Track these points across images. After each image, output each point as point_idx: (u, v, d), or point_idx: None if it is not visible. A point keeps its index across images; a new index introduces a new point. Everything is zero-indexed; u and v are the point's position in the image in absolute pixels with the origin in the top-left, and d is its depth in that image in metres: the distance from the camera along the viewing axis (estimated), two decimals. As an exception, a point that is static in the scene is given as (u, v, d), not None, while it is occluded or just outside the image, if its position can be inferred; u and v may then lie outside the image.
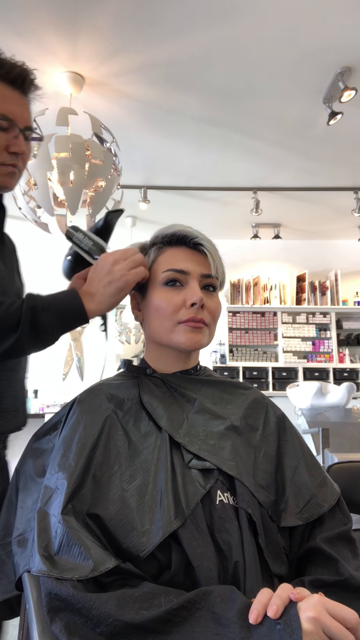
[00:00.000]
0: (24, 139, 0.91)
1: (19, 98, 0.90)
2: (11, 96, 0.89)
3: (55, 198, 2.62)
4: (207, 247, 0.82)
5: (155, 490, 0.67)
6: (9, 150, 0.89)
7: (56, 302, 0.82)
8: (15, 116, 0.89)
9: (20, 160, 0.92)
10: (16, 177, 0.95)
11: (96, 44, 2.43)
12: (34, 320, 0.79)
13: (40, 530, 0.62)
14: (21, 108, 0.90)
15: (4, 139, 0.89)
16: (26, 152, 0.93)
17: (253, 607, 0.53)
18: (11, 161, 0.90)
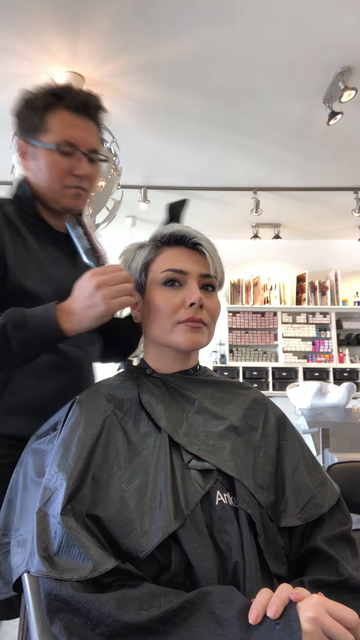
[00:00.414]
0: (89, 161, 0.97)
1: (82, 124, 0.96)
2: (75, 122, 0.96)
3: (55, 198, 2.62)
4: (206, 247, 0.82)
5: (154, 490, 0.67)
6: (73, 173, 0.96)
7: (30, 319, 0.80)
8: (78, 141, 0.95)
9: (85, 182, 0.98)
10: (82, 198, 1.00)
11: (96, 44, 2.43)
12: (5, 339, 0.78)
13: (39, 531, 0.62)
14: (85, 133, 0.97)
15: (68, 163, 0.95)
16: (91, 173, 0.98)
17: (253, 608, 0.53)
18: (75, 183, 0.97)
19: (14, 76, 2.66)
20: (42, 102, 0.96)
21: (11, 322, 0.78)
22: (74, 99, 0.95)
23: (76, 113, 0.96)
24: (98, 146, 1.00)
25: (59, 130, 0.95)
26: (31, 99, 0.97)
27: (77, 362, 1.02)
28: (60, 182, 0.96)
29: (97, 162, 1.00)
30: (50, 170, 0.96)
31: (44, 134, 0.95)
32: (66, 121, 0.95)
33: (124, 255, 0.90)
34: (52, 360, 0.96)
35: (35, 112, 0.96)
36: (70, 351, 0.99)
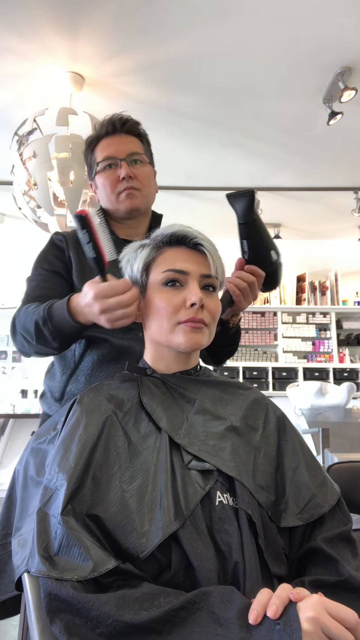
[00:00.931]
0: (128, 164, 1.12)
1: (115, 139, 1.14)
2: (108, 142, 1.14)
3: (55, 198, 2.62)
4: (207, 247, 0.82)
5: (154, 491, 0.67)
6: (119, 179, 1.11)
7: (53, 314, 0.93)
8: (114, 153, 1.13)
9: (133, 182, 1.12)
10: (136, 196, 1.13)
11: (96, 44, 2.43)
12: (39, 332, 0.95)
13: (39, 531, 0.62)
14: (119, 145, 1.13)
15: (113, 173, 1.12)
16: (136, 172, 1.12)
17: (252, 608, 0.53)
18: (124, 186, 1.11)
19: (14, 76, 2.66)
20: (89, 145, 1.17)
21: (41, 317, 0.94)
22: (103, 127, 1.14)
23: (108, 136, 1.14)
24: (138, 150, 1.14)
25: (100, 155, 1.14)
26: (85, 148, 1.19)
27: (125, 349, 1.08)
28: (113, 191, 1.12)
29: (142, 162, 1.14)
30: (104, 186, 1.14)
31: (95, 165, 1.15)
32: (103, 145, 1.14)
33: (126, 254, 0.89)
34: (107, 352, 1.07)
35: (87, 157, 1.19)
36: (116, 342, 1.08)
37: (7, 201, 3.27)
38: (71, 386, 1.08)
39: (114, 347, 1.07)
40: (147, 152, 1.18)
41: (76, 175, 2.45)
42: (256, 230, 1.03)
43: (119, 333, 1.07)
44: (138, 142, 1.17)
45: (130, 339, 1.07)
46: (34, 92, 2.81)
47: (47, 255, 1.15)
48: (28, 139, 2.48)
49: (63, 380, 1.10)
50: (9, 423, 4.31)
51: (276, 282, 1.11)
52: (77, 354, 1.09)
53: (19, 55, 2.50)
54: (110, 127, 1.14)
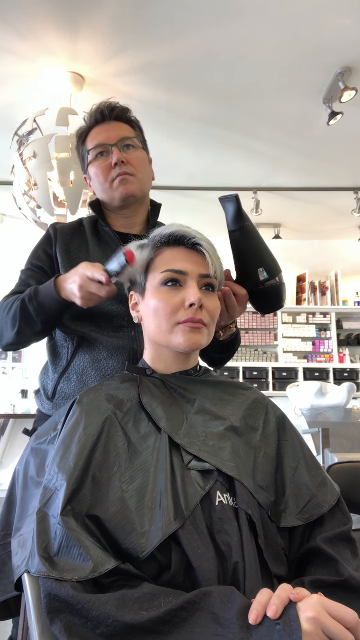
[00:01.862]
0: (120, 149, 1.09)
1: (105, 127, 1.12)
2: (98, 131, 1.12)
3: (55, 198, 2.62)
4: (205, 247, 0.82)
5: (154, 491, 0.67)
6: (112, 165, 1.09)
7: (40, 291, 0.99)
8: (105, 139, 1.10)
9: (126, 167, 1.09)
10: (130, 181, 1.10)
11: (96, 44, 2.43)
12: (24, 308, 0.99)
13: (39, 531, 0.62)
14: (108, 132, 1.11)
15: (106, 161, 1.10)
16: (128, 157, 1.10)
17: (252, 608, 0.53)
18: (117, 172, 1.09)
19: (14, 76, 2.66)
20: (80, 137, 1.16)
21: (27, 295, 1.00)
22: (92, 117, 1.12)
23: (97, 124, 1.12)
24: (129, 134, 1.12)
25: (91, 144, 1.12)
26: (76, 141, 1.18)
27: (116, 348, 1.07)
28: (107, 179, 1.10)
29: (134, 146, 1.12)
30: (97, 175, 1.11)
31: (87, 156, 1.14)
32: (93, 134, 1.13)
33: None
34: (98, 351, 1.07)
35: (79, 149, 1.18)
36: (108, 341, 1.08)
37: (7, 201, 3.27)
38: (62, 384, 1.08)
39: (105, 346, 1.06)
40: (139, 137, 1.15)
41: (76, 175, 2.45)
42: (244, 241, 0.97)
43: (110, 331, 1.07)
44: (129, 127, 1.14)
45: (121, 337, 1.07)
46: (34, 92, 2.81)
47: (39, 250, 1.16)
48: (28, 139, 2.48)
49: (55, 378, 1.10)
50: (9, 423, 4.31)
51: (268, 304, 1.05)
52: (69, 353, 1.09)
53: (19, 55, 2.50)
54: (99, 115, 1.11)
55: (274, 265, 1.00)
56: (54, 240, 1.14)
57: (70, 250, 1.12)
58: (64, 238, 1.14)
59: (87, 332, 1.06)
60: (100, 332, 1.07)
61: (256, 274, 0.97)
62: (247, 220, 0.97)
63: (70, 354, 1.09)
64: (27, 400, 4.60)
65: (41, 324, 1.00)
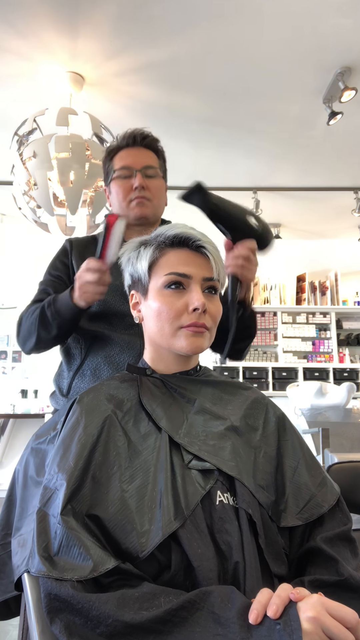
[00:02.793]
0: (143, 176, 1.18)
1: (134, 152, 1.21)
2: (127, 153, 1.21)
3: (55, 198, 2.62)
4: (210, 250, 0.82)
5: (154, 491, 0.67)
6: (132, 188, 1.18)
7: (58, 298, 1.08)
8: (130, 163, 1.19)
9: (145, 192, 1.18)
10: (146, 205, 1.20)
11: (96, 44, 2.43)
12: (43, 314, 1.08)
13: (39, 531, 0.62)
14: (136, 157, 1.20)
15: (127, 182, 1.19)
16: (149, 184, 1.19)
17: (253, 607, 0.53)
18: (136, 195, 1.18)
19: (14, 76, 2.66)
20: (108, 154, 1.24)
21: (47, 301, 1.10)
22: (126, 139, 1.21)
23: (127, 147, 1.21)
24: (153, 163, 1.21)
25: (117, 163, 1.21)
26: (104, 156, 1.25)
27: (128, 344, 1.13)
28: (125, 198, 1.19)
29: (156, 176, 1.21)
30: (118, 193, 1.20)
31: (112, 172, 1.22)
32: (122, 155, 1.21)
33: (126, 251, 0.89)
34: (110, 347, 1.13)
35: (105, 163, 1.25)
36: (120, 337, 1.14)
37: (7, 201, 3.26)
38: (77, 380, 1.14)
39: (117, 343, 1.13)
40: (161, 167, 1.25)
41: (76, 175, 2.45)
42: (222, 211, 1.01)
43: (122, 329, 1.13)
44: (155, 157, 1.24)
45: (132, 334, 1.12)
46: (34, 92, 2.81)
47: (56, 261, 1.26)
48: (28, 139, 2.48)
49: (70, 376, 1.16)
50: (9, 423, 4.32)
51: (267, 241, 1.07)
52: (84, 351, 1.16)
53: (19, 55, 2.50)
54: (131, 140, 1.21)
55: (250, 212, 1.04)
56: (69, 252, 1.24)
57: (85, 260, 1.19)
58: (79, 249, 1.24)
59: (101, 330, 1.14)
60: (112, 329, 1.14)
61: (249, 224, 1.00)
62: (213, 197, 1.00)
63: (85, 353, 1.16)
64: (27, 400, 4.60)
65: (57, 329, 1.09)
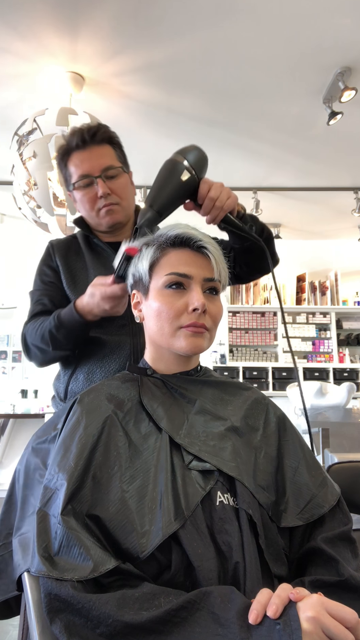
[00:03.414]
0: (104, 180, 1.11)
1: (87, 154, 1.11)
2: (81, 157, 1.11)
3: (55, 198, 2.62)
4: (211, 251, 0.82)
5: (155, 491, 0.67)
6: (98, 197, 1.11)
7: (63, 320, 1.04)
8: (88, 170, 1.10)
9: (112, 197, 1.12)
10: (116, 211, 1.14)
11: (96, 44, 2.43)
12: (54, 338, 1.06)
13: (39, 531, 0.62)
14: (91, 160, 1.10)
15: (91, 191, 1.11)
16: (113, 188, 1.12)
17: (252, 607, 0.53)
18: (103, 204, 1.12)
19: (14, 76, 2.66)
20: (61, 158, 1.14)
21: (54, 326, 1.05)
22: (74, 141, 1.10)
23: (79, 150, 1.11)
24: (112, 162, 1.12)
25: (74, 171, 1.12)
26: (58, 162, 1.16)
27: (118, 344, 1.13)
28: (93, 209, 1.13)
29: (118, 174, 1.13)
30: (83, 204, 1.14)
31: (70, 179, 1.14)
32: (76, 161, 1.11)
33: None
34: (100, 349, 1.13)
35: (61, 169, 1.16)
36: (109, 339, 1.13)
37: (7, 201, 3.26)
38: (72, 385, 1.14)
39: (107, 344, 1.12)
40: (120, 158, 1.16)
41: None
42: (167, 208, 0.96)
43: (112, 329, 1.12)
44: (110, 150, 1.14)
45: (122, 334, 1.12)
46: (34, 92, 2.81)
47: (42, 266, 1.22)
48: (28, 139, 2.47)
49: (65, 381, 1.16)
50: (9, 423, 4.32)
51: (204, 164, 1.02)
52: (76, 355, 1.15)
53: (19, 55, 2.50)
54: (80, 140, 1.10)
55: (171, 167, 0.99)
56: (53, 255, 1.21)
57: (68, 261, 1.20)
58: (60, 251, 1.21)
59: (91, 333, 1.11)
60: (103, 332, 1.12)
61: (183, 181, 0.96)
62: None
63: (77, 357, 1.15)
64: (27, 400, 4.60)
65: (73, 344, 1.09)
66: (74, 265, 1.20)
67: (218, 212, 0.99)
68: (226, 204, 0.99)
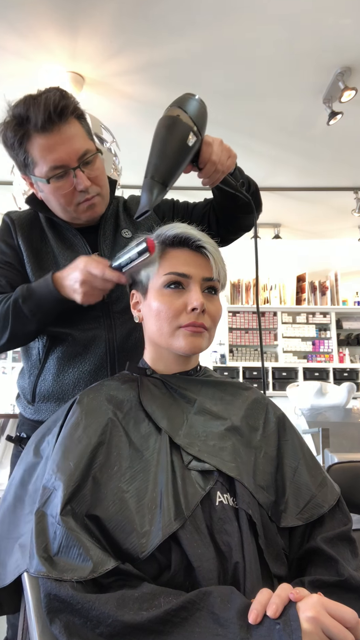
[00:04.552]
0: (82, 168, 0.93)
1: (57, 138, 0.90)
2: (50, 143, 0.90)
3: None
4: (210, 250, 0.82)
5: (155, 491, 0.67)
6: (77, 190, 0.94)
7: (35, 290, 0.92)
8: (63, 160, 0.91)
9: (92, 188, 0.96)
10: (99, 204, 1.00)
11: (96, 44, 2.43)
12: (17, 310, 0.92)
13: (38, 531, 0.62)
14: (64, 146, 0.90)
15: (68, 183, 0.93)
16: (92, 175, 0.95)
17: (252, 607, 0.53)
18: (84, 197, 0.96)
19: (14, 76, 2.66)
20: (14, 136, 0.91)
21: (20, 295, 0.92)
22: (37, 118, 0.88)
23: (46, 132, 0.89)
24: (85, 145, 0.94)
25: (41, 159, 0.91)
26: (5, 135, 0.92)
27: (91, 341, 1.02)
28: (71, 203, 0.97)
29: (94, 159, 0.96)
30: (56, 197, 0.96)
31: (34, 166, 0.93)
32: (42, 146, 0.90)
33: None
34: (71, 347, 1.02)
35: (14, 149, 0.93)
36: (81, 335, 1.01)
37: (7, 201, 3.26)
38: (40, 386, 1.03)
39: (78, 341, 1.00)
40: (89, 133, 0.97)
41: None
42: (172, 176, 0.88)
43: (84, 324, 1.00)
44: (79, 127, 0.94)
45: (95, 328, 1.01)
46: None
47: (1, 244, 1.04)
48: (28, 139, 2.47)
49: (32, 382, 1.05)
50: (9, 423, 4.31)
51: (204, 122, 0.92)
52: (42, 354, 1.03)
53: (19, 55, 2.50)
54: (45, 119, 0.88)
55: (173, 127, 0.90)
56: (14, 232, 1.03)
57: (32, 243, 1.03)
58: (23, 229, 1.03)
59: (59, 329, 1.00)
60: (73, 327, 1.00)
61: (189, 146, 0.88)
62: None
63: (43, 355, 1.03)
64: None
65: (37, 324, 0.94)
66: (40, 249, 1.03)
67: (219, 175, 0.91)
68: (226, 165, 0.91)
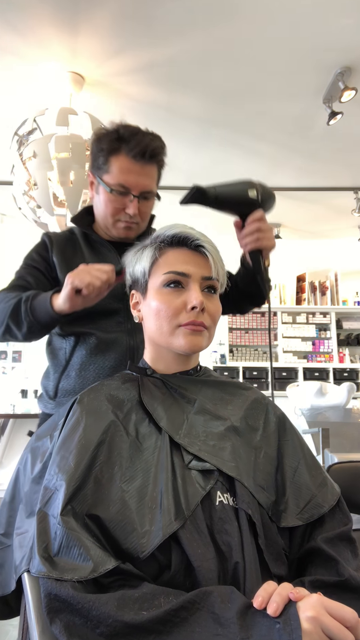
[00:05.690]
0: (139, 200, 1.10)
1: (139, 169, 1.08)
2: (131, 169, 1.08)
3: (55, 198, 2.62)
4: (209, 249, 0.82)
5: (155, 491, 0.67)
6: (125, 211, 1.10)
7: (37, 296, 1.00)
8: (131, 185, 1.08)
9: (136, 218, 1.12)
10: (133, 230, 1.15)
11: (96, 44, 2.43)
12: (17, 306, 1.00)
13: (39, 532, 0.62)
14: (139, 177, 1.09)
15: (121, 202, 1.10)
16: (142, 209, 1.12)
17: (258, 594, 0.54)
18: (126, 219, 1.12)
19: (14, 76, 2.66)
20: (108, 145, 1.08)
21: (26, 295, 1.01)
22: (135, 146, 1.07)
23: (135, 160, 1.07)
24: (152, 186, 1.13)
25: (117, 174, 1.08)
26: (101, 139, 1.10)
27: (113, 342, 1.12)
28: (113, 217, 1.12)
29: (150, 198, 1.14)
30: (106, 206, 1.11)
31: (106, 174, 1.09)
32: (124, 167, 1.07)
33: (127, 257, 0.90)
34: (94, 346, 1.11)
35: (101, 153, 1.09)
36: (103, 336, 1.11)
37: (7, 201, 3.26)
38: (63, 382, 1.12)
39: (101, 341, 1.11)
40: (158, 180, 1.18)
41: (76, 175, 2.45)
42: (224, 200, 1.04)
43: (108, 326, 1.11)
44: (155, 172, 1.15)
45: (118, 331, 1.11)
46: (34, 92, 2.81)
47: (33, 253, 1.19)
48: (28, 139, 2.47)
49: (56, 378, 1.14)
50: (9, 423, 4.31)
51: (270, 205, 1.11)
52: (67, 352, 1.13)
53: (18, 55, 2.50)
54: (139, 154, 1.07)
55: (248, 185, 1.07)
56: (49, 247, 1.17)
57: (66, 256, 1.16)
58: (59, 245, 1.17)
59: (84, 329, 1.10)
60: (96, 328, 1.11)
61: (248, 198, 1.05)
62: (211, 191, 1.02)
63: (69, 353, 1.13)
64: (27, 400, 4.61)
65: (27, 327, 1.01)
66: (72, 259, 1.17)
67: (255, 242, 1.03)
68: (266, 241, 1.04)
